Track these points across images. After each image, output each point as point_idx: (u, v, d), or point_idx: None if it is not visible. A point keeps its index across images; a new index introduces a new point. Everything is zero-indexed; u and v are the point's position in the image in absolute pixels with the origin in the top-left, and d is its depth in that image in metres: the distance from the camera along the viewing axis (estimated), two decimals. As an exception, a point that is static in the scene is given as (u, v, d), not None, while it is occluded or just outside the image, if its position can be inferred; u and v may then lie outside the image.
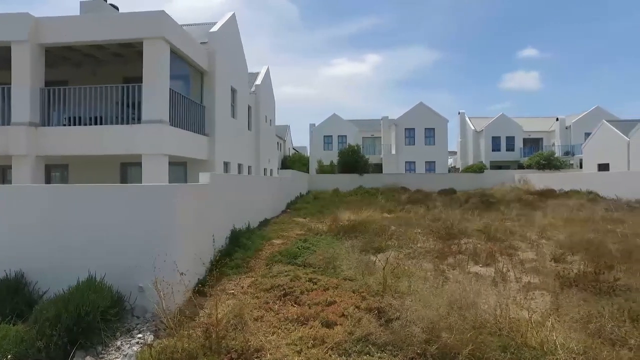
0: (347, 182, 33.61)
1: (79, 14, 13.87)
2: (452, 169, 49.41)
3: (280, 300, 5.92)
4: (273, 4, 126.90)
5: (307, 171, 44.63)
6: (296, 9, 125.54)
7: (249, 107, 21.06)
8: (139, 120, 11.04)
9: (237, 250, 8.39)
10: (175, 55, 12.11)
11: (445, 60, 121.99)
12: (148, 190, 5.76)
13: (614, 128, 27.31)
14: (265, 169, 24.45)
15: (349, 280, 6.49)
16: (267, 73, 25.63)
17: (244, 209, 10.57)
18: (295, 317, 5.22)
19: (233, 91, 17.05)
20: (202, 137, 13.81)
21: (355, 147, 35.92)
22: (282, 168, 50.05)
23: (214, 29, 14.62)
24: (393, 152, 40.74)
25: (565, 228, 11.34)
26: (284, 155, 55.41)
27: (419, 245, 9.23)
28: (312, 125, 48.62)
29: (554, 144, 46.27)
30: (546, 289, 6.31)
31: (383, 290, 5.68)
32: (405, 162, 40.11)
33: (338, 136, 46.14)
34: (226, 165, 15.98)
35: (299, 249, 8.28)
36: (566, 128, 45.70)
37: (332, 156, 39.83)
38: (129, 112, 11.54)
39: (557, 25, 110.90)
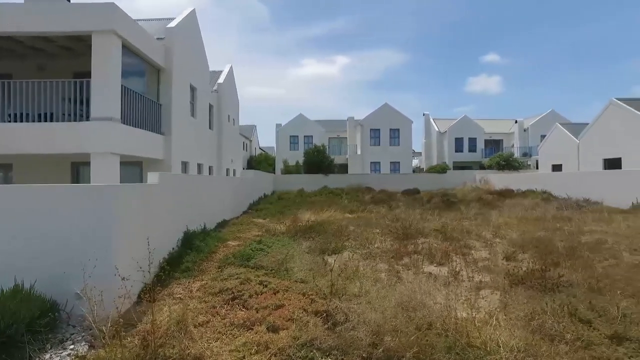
0: (312, 182, 33.48)
1: (22, 2, 13.07)
2: (417, 169, 50.30)
3: (228, 304, 5.73)
4: (242, 4, 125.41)
5: (274, 171, 44.28)
6: (266, 9, 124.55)
7: (211, 106, 20.58)
8: (88, 117, 10.50)
9: (188, 253, 8.11)
10: (128, 51, 11.62)
11: (413, 63, 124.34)
12: (83, 190, 5.42)
13: (566, 131, 28.52)
14: (228, 169, 24.01)
15: (301, 282, 6.37)
16: (231, 72, 25.17)
17: (199, 210, 10.25)
18: (242, 321, 5.04)
19: (192, 89, 16.59)
20: (158, 136, 13.34)
21: (321, 147, 35.88)
22: (248, 168, 49.45)
23: (172, 24, 14.14)
24: (358, 152, 41.00)
25: (519, 227, 11.66)
26: (250, 156, 54.78)
27: (376, 245, 9.22)
28: (278, 126, 48.30)
29: (513, 146, 47.93)
30: (496, 288, 6.41)
31: (331, 293, 5.57)
32: (371, 162, 40.46)
33: (304, 136, 46.03)
34: (184, 165, 15.52)
35: (253, 250, 8.08)
36: (524, 130, 47.45)
37: (298, 156, 39.65)
38: (79, 109, 10.96)
39: (517, 33, 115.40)
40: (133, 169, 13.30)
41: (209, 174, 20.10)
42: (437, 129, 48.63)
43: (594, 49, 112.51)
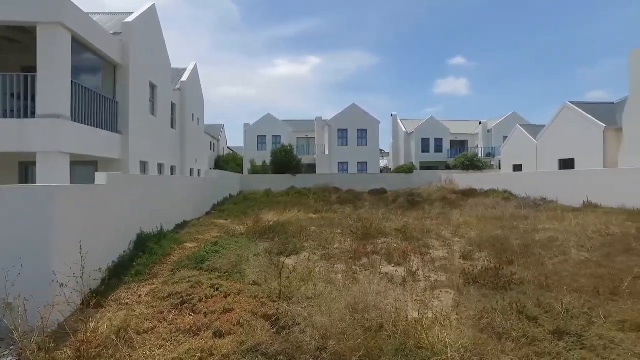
0: (279, 182, 33.27)
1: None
2: (385, 170, 50.88)
3: (177, 309, 5.51)
4: (213, 2, 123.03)
5: (242, 171, 43.73)
6: (237, 9, 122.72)
7: (173, 105, 20.06)
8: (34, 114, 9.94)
9: (141, 256, 7.80)
10: (80, 45, 11.10)
11: (383, 65, 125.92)
12: (15, 192, 5.06)
13: (525, 132, 29.51)
14: (192, 169, 23.48)
15: (253, 285, 6.21)
16: (195, 70, 24.63)
17: (155, 211, 9.90)
18: (189, 327, 4.85)
19: (152, 87, 16.08)
20: (115, 134, 12.82)
21: (288, 147, 35.67)
22: (215, 168, 48.63)
23: (129, 19, 13.60)
24: (326, 152, 41.03)
25: (478, 226, 11.90)
26: (218, 155, 53.90)
27: (335, 246, 9.17)
28: (246, 125, 47.74)
29: (477, 146, 49.25)
30: (451, 287, 6.46)
31: (281, 296, 5.46)
32: (338, 162, 40.58)
33: (272, 136, 45.68)
34: (143, 165, 15.02)
35: (207, 252, 7.85)
36: (488, 131, 48.82)
37: (266, 156, 39.30)
38: (26, 105, 10.35)
39: (482, 37, 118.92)
40: (87, 169, 12.72)
41: (172, 174, 19.58)
42: (404, 130, 49.34)
43: (554, 55, 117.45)
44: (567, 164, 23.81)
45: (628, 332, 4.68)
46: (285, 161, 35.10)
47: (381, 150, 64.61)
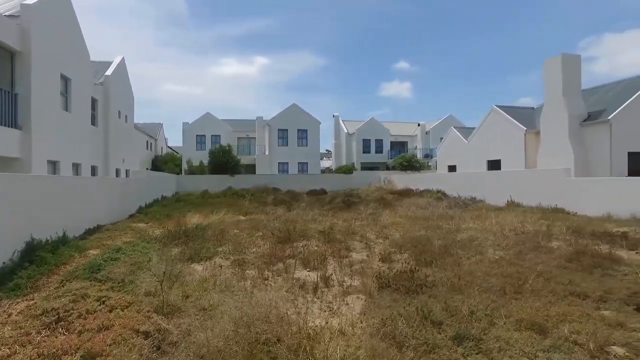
0: (217, 183, 32.24)
1: None
2: (327, 170, 51.05)
3: (49, 328, 4.80)
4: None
5: (181, 172, 41.96)
6: (184, 5, 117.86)
7: (95, 100, 18.59)
8: None
9: (26, 267, 6.89)
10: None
11: (331, 67, 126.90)
12: None
13: (458, 134, 30.68)
14: (118, 170, 21.98)
15: (149, 296, 5.61)
16: (122, 64, 23.08)
17: (55, 215, 8.91)
18: (54, 350, 4.19)
19: (65, 79, 14.71)
20: (12, 130, 11.48)
21: (227, 147, 34.64)
22: (152, 168, 46.44)
23: (29, 0, 12.24)
24: (266, 152, 40.38)
25: (406, 226, 11.93)
26: (156, 155, 51.50)
27: (253, 250, 8.71)
28: (185, 124, 45.94)
29: (416, 147, 50.73)
30: (363, 292, 6.23)
31: (164, 309, 4.92)
32: (279, 162, 40.05)
33: (211, 136, 44.26)
34: (53, 164, 13.67)
35: (105, 260, 7.09)
36: (426, 133, 50.46)
37: (205, 156, 37.92)
38: None
39: (423, 43, 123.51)
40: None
41: (92, 174, 18.15)
42: (346, 131, 49.77)
43: (491, 63, 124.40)
44: (494, 164, 24.97)
45: (524, 331, 4.65)
46: (223, 161, 34.09)
47: (328, 151, 64.95)
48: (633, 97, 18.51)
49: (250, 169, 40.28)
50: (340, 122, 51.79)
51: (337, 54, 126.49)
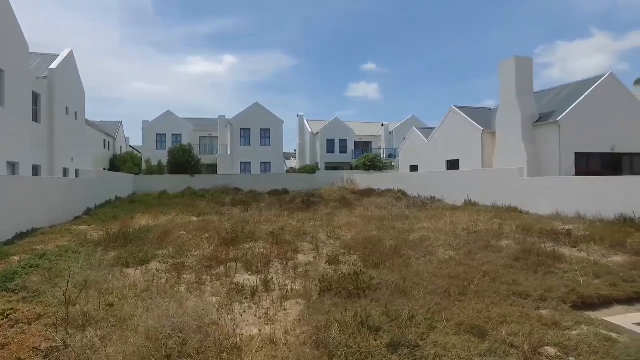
0: (176, 183, 31.33)
1: None
2: (292, 170, 50.67)
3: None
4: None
5: (140, 171, 40.45)
6: (150, 1, 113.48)
7: (37, 95, 17.44)
8: None
9: None
10: None
11: (300, 67, 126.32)
12: None
13: (420, 134, 31.02)
14: (66, 169, 20.78)
15: (64, 306, 5.10)
16: (70, 57, 21.83)
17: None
18: None
19: (-3, 71, 13.64)
20: None
21: (187, 146, 33.70)
22: (111, 168, 44.61)
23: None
24: (228, 152, 39.55)
25: (360, 227, 11.76)
26: (114, 155, 49.48)
27: (197, 252, 8.27)
28: (144, 122, 44.35)
29: (380, 147, 51.14)
30: (304, 296, 5.95)
31: (67, 324, 4.45)
32: (241, 162, 39.29)
33: (172, 135, 42.93)
34: (-17, 163, 12.65)
35: (24, 267, 6.48)
36: (390, 133, 50.96)
37: (165, 156, 36.78)
38: None
39: (390, 46, 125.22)
40: None
41: (35, 174, 17.03)
42: (310, 130, 49.53)
43: (458, 65, 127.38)
44: (453, 164, 25.35)
45: (463, 335, 4.51)
46: (183, 161, 33.17)
47: (296, 151, 64.50)
48: (579, 99, 19.21)
49: (212, 168, 39.34)
50: (305, 122, 51.50)
51: (305, 54, 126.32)
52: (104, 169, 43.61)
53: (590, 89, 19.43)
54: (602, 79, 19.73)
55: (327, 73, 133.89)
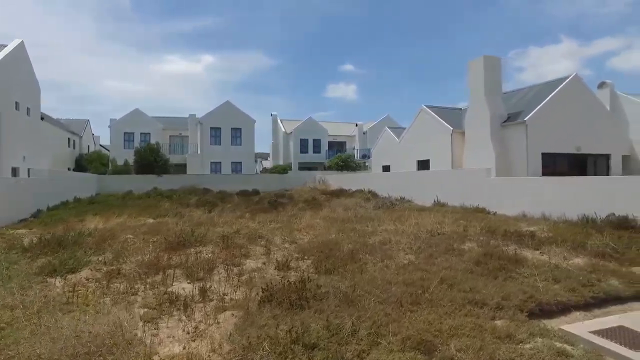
0: (143, 183, 30.29)
1: None
2: (265, 170, 49.95)
3: None
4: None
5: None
6: None
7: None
8: None
9: None
10: None
11: (279, 67, 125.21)
12: None
13: (392, 133, 30.83)
14: (16, 168, 19.56)
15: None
16: (20, 49, 20.54)
17: None
18: None
19: None
20: None
21: (154, 146, 32.62)
22: (76, 168, 42.88)
23: None
24: (198, 152, 38.53)
25: (321, 229, 11.28)
26: (80, 154, 47.60)
27: (138, 258, 7.61)
28: (112, 121, 42.86)
29: (354, 148, 50.96)
30: (243, 307, 5.41)
31: None
32: (211, 162, 38.29)
33: (141, 133, 41.60)
34: None
35: None
36: (364, 133, 50.81)
37: (133, 155, 35.55)
38: None
39: (367, 47, 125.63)
40: None
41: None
42: (283, 130, 48.90)
43: (435, 65, 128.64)
44: (424, 164, 25.21)
45: (408, 352, 4.06)
46: (150, 160, 32.12)
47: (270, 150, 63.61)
48: (546, 99, 19.30)
49: (182, 168, 38.26)
50: (279, 121, 50.83)
51: (285, 54, 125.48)
52: (69, 169, 41.91)
53: (556, 90, 19.57)
54: (567, 80, 19.92)
55: (306, 73, 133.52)
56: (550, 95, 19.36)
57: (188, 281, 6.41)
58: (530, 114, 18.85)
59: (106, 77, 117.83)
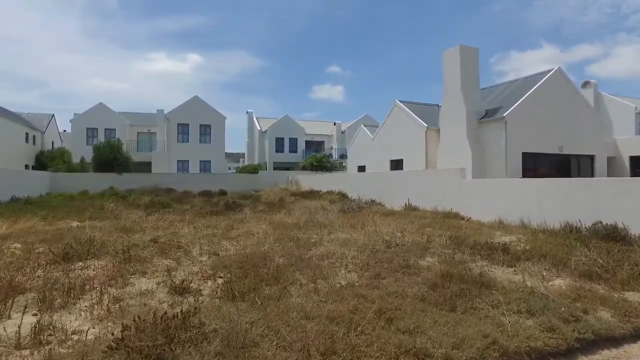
0: (101, 182, 28.26)
1: None
2: (240, 169, 48.00)
3: None
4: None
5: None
6: None
7: None
8: None
9: None
10: None
11: (266, 68, 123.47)
12: None
13: (367, 132, 29.19)
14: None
15: None
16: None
17: None
18: None
19: None
20: None
21: (115, 142, 30.44)
22: (37, 165, 40.44)
23: None
24: (165, 149, 36.38)
25: (261, 236, 9.56)
26: (41, 151, 45.03)
27: (11, 274, 5.76)
28: (76, 115, 40.41)
29: (332, 147, 49.32)
30: (87, 354, 3.65)
31: None
32: (178, 160, 36.00)
33: (105, 129, 39.18)
34: None
35: None
36: (342, 132, 49.21)
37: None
38: None
39: (355, 49, 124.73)
40: None
41: None
42: (259, 128, 46.99)
43: (419, 65, 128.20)
44: (397, 164, 23.58)
45: None
46: (110, 158, 29.97)
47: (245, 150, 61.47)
48: (526, 94, 17.87)
49: (149, 167, 36.06)
50: (254, 119, 48.86)
51: (272, 55, 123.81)
52: (27, 166, 39.38)
53: (538, 84, 18.16)
54: (550, 73, 18.54)
55: (292, 74, 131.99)
56: (531, 90, 17.93)
57: (35, 311, 4.62)
58: (510, 110, 17.37)
59: (90, 75, 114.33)
